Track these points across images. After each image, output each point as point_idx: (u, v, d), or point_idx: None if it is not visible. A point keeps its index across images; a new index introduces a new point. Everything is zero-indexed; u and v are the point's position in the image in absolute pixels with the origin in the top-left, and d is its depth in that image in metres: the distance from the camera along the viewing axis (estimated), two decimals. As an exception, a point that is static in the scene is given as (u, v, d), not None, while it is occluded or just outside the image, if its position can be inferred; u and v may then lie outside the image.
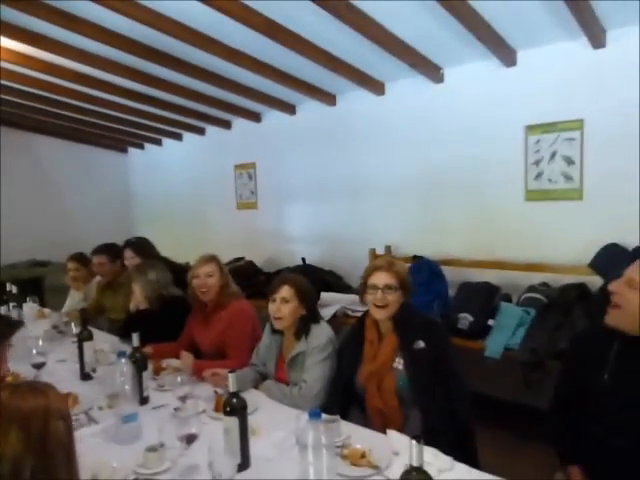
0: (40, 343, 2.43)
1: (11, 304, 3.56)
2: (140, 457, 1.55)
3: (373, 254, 3.86)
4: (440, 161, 3.78)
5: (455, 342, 2.86)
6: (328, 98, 4.48)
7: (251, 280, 4.57)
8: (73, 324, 2.91)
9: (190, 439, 1.50)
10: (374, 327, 2.03)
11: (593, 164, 3.08)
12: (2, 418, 0.79)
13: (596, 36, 2.95)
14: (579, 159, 3.13)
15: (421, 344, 1.90)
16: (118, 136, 6.46)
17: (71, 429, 0.89)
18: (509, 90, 3.41)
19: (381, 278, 1.97)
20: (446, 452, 1.53)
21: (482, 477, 1.48)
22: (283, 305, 2.08)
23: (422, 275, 3.22)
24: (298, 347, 2.12)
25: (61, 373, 2.45)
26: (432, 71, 3.72)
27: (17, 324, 1.79)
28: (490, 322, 2.82)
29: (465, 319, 2.89)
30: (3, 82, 4.45)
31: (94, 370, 2.35)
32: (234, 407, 1.51)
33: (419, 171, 3.92)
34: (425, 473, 1.08)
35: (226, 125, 5.57)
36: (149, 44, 3.56)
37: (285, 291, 2.09)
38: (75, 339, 2.52)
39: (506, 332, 2.66)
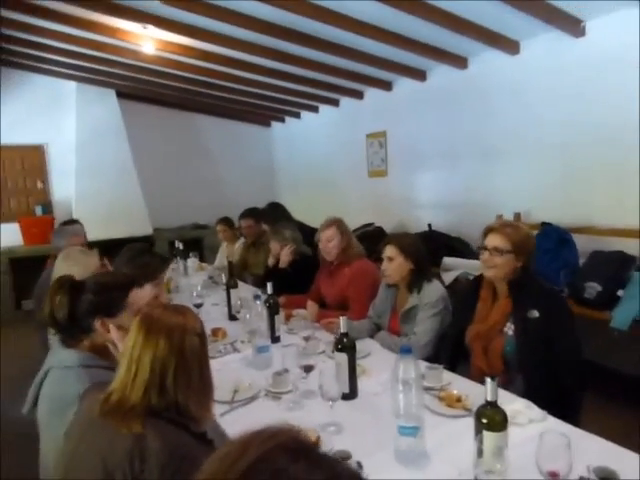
0: (199, 288, 2.98)
1: (178, 258, 4.31)
2: (270, 379, 1.92)
3: (500, 220, 3.79)
4: (579, 120, 3.52)
5: (580, 312, 2.80)
6: (459, 61, 4.40)
7: (378, 245, 4.79)
8: (223, 275, 3.45)
9: (308, 369, 1.81)
10: (490, 287, 2.04)
11: None
12: (154, 328, 1.12)
13: None
14: None
15: (535, 313, 1.87)
16: (262, 111, 7.09)
17: (205, 343, 1.21)
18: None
19: (490, 240, 1.99)
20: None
21: (572, 430, 1.53)
22: (389, 263, 2.28)
23: (549, 242, 3.12)
24: (411, 301, 2.30)
25: (215, 313, 2.99)
26: (571, 24, 3.45)
27: (168, 260, 2.26)
28: (620, 293, 2.66)
29: (592, 288, 2.76)
30: (165, 69, 5.22)
31: (238, 312, 2.81)
32: (344, 345, 1.78)
33: (554, 132, 3.70)
34: (498, 407, 1.22)
35: (359, 95, 5.77)
36: (284, 24, 3.89)
37: (389, 250, 2.28)
38: (224, 287, 3.03)
39: (634, 302, 2.49)
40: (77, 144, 6.12)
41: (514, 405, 1.60)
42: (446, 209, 4.69)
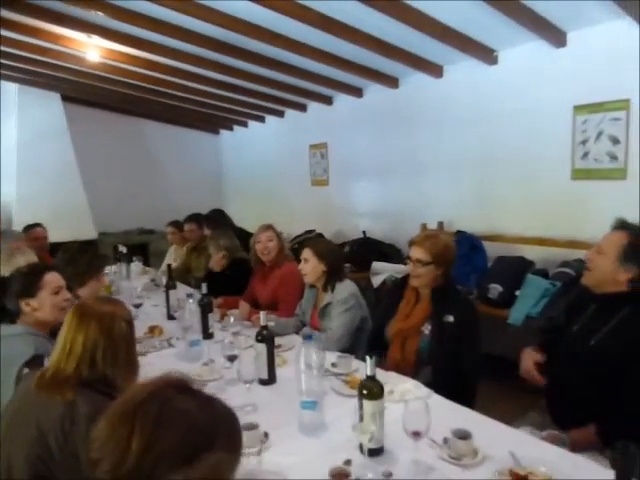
0: (138, 290, 3.15)
1: (122, 261, 4.41)
2: (199, 370, 2.13)
3: (424, 229, 4.16)
4: (492, 141, 3.95)
5: (485, 310, 3.17)
6: (391, 81, 4.77)
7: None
8: (163, 277, 3.61)
9: (232, 358, 2.03)
10: (414, 290, 2.27)
11: (638, 144, 3.12)
12: (87, 314, 1.35)
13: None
14: (624, 139, 3.17)
15: (450, 318, 2.12)
16: (210, 119, 7.25)
17: (132, 329, 1.44)
18: (558, 71, 3.49)
19: (413, 252, 2.22)
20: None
21: (454, 407, 1.83)
22: (305, 264, 2.57)
23: (462, 248, 3.47)
24: (326, 299, 2.58)
25: (154, 313, 3.16)
26: (486, 53, 3.87)
27: (107, 257, 2.51)
28: (517, 293, 3.05)
29: (495, 289, 3.14)
30: (111, 76, 5.31)
31: (176, 312, 2.99)
32: (264, 336, 2.02)
33: (472, 150, 4.12)
34: (376, 381, 1.50)
35: (302, 108, 6.06)
36: (229, 41, 4.12)
37: (305, 253, 2.58)
38: (164, 289, 3.20)
39: (529, 302, 2.88)
40: (18, 146, 6.06)
41: (405, 385, 1.89)
42: (380, 217, 5.04)
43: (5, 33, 4.33)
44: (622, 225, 1.85)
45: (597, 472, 1.39)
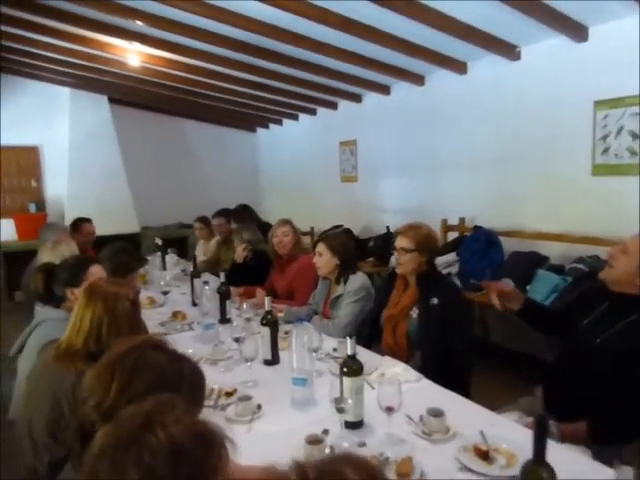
0: (167, 278, 3.40)
1: (157, 253, 4.72)
2: (211, 350, 2.33)
3: (444, 224, 4.22)
4: (513, 137, 3.96)
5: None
6: (417, 79, 4.83)
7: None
8: (188, 267, 3.87)
9: (238, 340, 2.22)
10: (403, 279, 2.43)
11: (659, 139, 3.07)
12: (94, 294, 1.54)
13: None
14: (645, 134, 3.13)
15: (435, 301, 2.26)
16: (246, 118, 7.52)
17: (137, 308, 1.62)
18: (580, 66, 3.46)
19: (398, 241, 2.39)
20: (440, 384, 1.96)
21: (440, 390, 1.94)
22: (319, 257, 2.70)
23: (479, 244, 3.53)
24: (338, 291, 2.72)
25: (181, 300, 3.40)
26: (508, 50, 3.88)
27: (143, 258, 2.69)
28: (528, 288, 3.07)
29: (507, 284, 3.16)
30: (152, 79, 5.65)
31: (198, 299, 3.21)
32: (268, 320, 2.19)
33: (493, 147, 4.13)
34: (356, 360, 1.63)
35: (333, 106, 6.20)
36: (260, 45, 4.31)
37: (319, 247, 2.71)
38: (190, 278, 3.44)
39: (537, 296, 2.90)
40: (70, 146, 6.54)
41: (395, 369, 2.02)
42: (404, 214, 5.10)
43: (58, 42, 4.73)
44: None
45: (565, 454, 1.46)
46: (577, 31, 3.38)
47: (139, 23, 4.03)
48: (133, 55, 4.87)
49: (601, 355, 1.78)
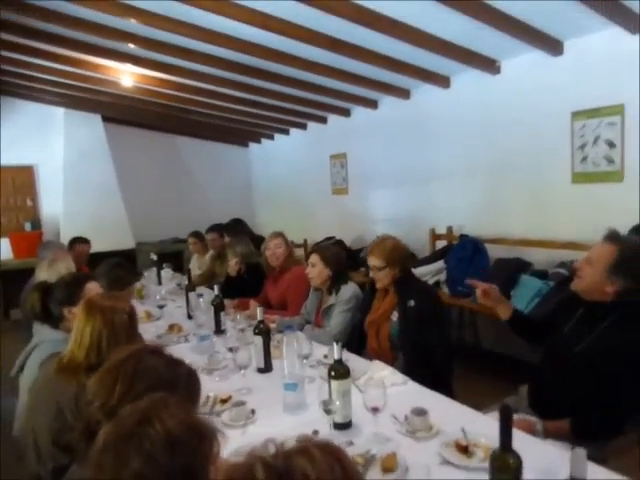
0: (163, 292, 3.48)
1: (153, 268, 4.80)
2: (207, 360, 2.41)
3: (432, 233, 4.33)
4: (497, 147, 4.09)
5: (481, 309, 3.31)
6: (403, 93, 4.98)
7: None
8: (183, 281, 3.95)
9: (232, 349, 2.30)
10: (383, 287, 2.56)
11: (633, 147, 3.20)
12: (92, 309, 1.62)
13: (632, 23, 3.06)
14: (620, 142, 3.26)
15: (412, 303, 2.39)
16: (238, 133, 7.66)
17: (134, 321, 1.70)
18: (557, 78, 3.61)
19: (369, 260, 2.51)
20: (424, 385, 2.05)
21: (425, 391, 2.03)
22: (312, 268, 2.79)
23: (465, 251, 3.64)
24: (330, 300, 2.81)
25: (176, 313, 3.48)
26: (489, 64, 4.03)
27: (137, 273, 2.77)
28: (512, 293, 3.18)
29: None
30: (144, 97, 5.78)
31: (193, 312, 3.30)
32: (260, 330, 2.28)
33: (478, 157, 4.26)
34: (343, 364, 1.72)
35: (323, 120, 6.34)
36: (251, 64, 4.45)
37: (313, 258, 2.80)
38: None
39: (521, 301, 3.01)
40: (65, 164, 6.63)
41: (382, 372, 2.10)
42: (393, 223, 5.23)
43: (53, 65, 4.86)
44: (613, 237, 1.87)
45: (543, 449, 1.55)
46: (552, 45, 3.53)
47: (131, 46, 4.16)
48: (126, 75, 4.99)
49: (579, 364, 1.86)
